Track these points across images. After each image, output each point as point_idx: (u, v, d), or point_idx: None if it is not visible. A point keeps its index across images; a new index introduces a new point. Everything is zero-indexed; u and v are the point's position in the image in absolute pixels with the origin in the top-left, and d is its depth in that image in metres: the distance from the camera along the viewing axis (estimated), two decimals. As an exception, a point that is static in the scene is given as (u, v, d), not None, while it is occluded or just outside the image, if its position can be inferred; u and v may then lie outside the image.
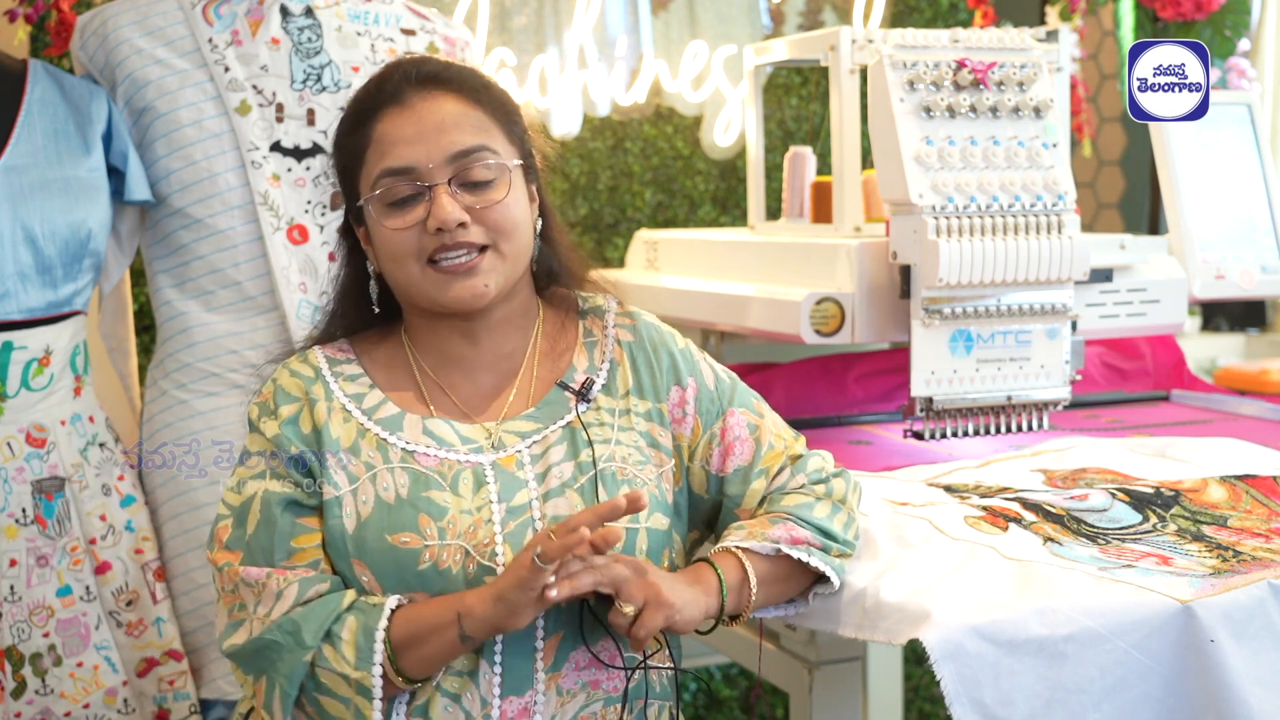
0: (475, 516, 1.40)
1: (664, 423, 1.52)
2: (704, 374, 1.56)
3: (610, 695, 1.43)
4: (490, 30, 2.88)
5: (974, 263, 1.87)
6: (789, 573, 1.47)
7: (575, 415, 1.48)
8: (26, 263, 1.92)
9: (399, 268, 1.45)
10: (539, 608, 1.31)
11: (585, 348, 1.54)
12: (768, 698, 3.07)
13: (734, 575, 1.42)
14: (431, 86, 1.45)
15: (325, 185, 2.12)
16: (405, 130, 1.43)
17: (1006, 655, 1.35)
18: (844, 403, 2.34)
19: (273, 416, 1.46)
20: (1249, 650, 1.39)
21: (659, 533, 1.45)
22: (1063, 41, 2.18)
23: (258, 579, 1.40)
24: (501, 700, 1.39)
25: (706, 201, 3.13)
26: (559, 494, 1.43)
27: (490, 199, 1.44)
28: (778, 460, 1.55)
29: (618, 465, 1.45)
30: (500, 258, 1.45)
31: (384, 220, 1.43)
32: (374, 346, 1.53)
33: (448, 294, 1.43)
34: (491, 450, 1.45)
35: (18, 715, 1.94)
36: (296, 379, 1.48)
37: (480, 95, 1.47)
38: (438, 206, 1.41)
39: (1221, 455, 1.89)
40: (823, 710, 1.85)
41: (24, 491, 1.95)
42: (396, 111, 1.44)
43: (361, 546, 1.40)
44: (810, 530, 1.48)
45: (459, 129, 1.44)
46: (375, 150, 1.44)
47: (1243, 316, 3.83)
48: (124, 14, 2.10)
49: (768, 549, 1.44)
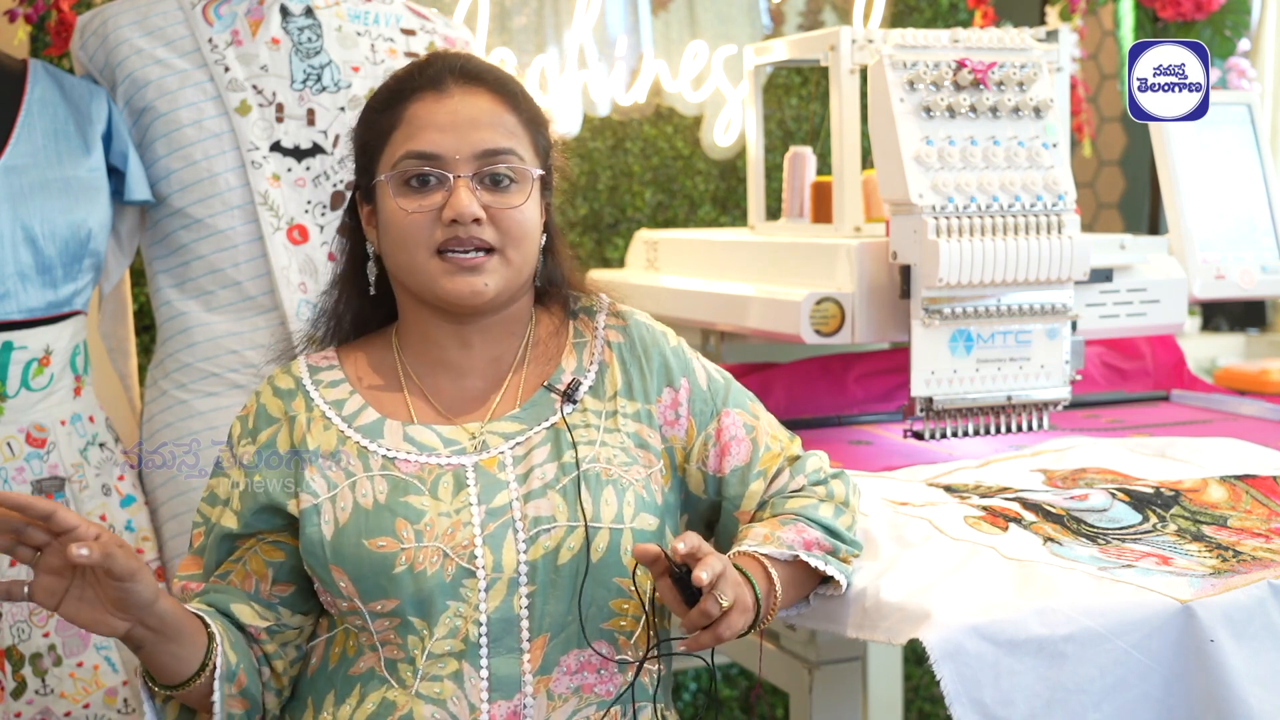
0: (454, 519, 1.40)
1: (653, 424, 1.51)
2: (696, 374, 1.56)
3: (603, 699, 1.42)
4: (490, 30, 2.88)
5: (974, 263, 1.87)
6: (803, 577, 1.47)
7: (560, 416, 1.48)
8: (26, 263, 1.92)
9: (405, 251, 1.44)
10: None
11: (574, 349, 1.53)
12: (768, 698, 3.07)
13: (763, 581, 1.41)
14: (472, 82, 1.46)
15: (325, 185, 2.12)
16: (438, 117, 1.43)
17: (1006, 655, 1.35)
18: (844, 403, 2.34)
19: (251, 440, 1.48)
20: (1249, 650, 1.39)
21: (646, 533, 1.44)
22: (1063, 41, 2.18)
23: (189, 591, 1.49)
24: (490, 704, 1.38)
25: (706, 201, 3.13)
26: (540, 495, 1.42)
27: (509, 202, 1.44)
28: (775, 462, 1.55)
29: (602, 466, 1.45)
30: (505, 263, 1.44)
31: (399, 200, 1.43)
32: (359, 352, 1.54)
33: (447, 286, 1.42)
34: (474, 452, 1.45)
35: (18, 715, 1.94)
36: (278, 399, 1.50)
37: (517, 101, 1.48)
38: (456, 198, 1.41)
39: (1221, 455, 1.89)
40: (823, 710, 1.86)
41: (24, 491, 1.95)
42: (433, 97, 1.44)
43: (339, 552, 1.40)
44: (819, 530, 1.48)
45: (491, 128, 1.44)
46: (404, 131, 1.44)
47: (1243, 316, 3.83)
48: (124, 14, 2.10)
49: (785, 555, 1.44)
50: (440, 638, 1.38)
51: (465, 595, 1.38)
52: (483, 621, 1.38)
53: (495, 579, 1.39)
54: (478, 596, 1.38)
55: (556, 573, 1.40)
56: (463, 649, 1.38)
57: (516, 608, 1.39)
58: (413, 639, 1.39)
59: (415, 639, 1.39)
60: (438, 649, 1.38)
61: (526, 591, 1.39)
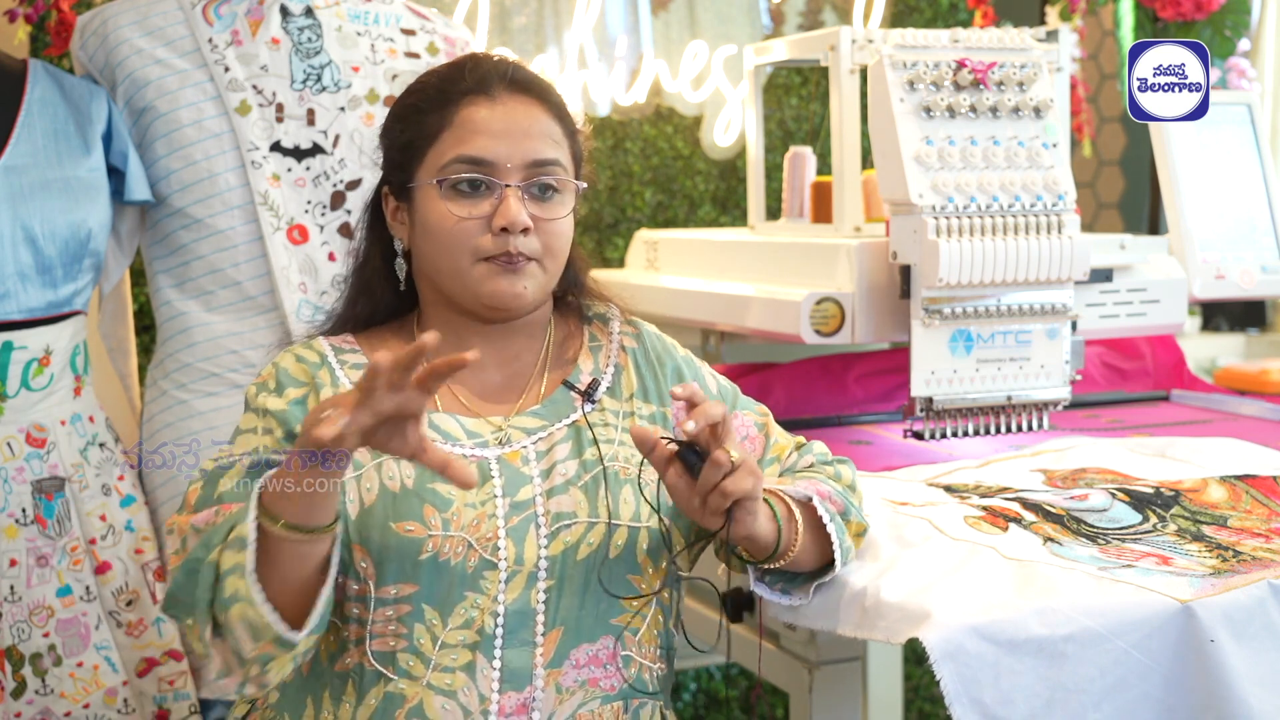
0: (479, 510, 1.40)
1: (668, 426, 1.52)
2: (706, 381, 1.59)
3: (608, 694, 1.44)
4: (490, 30, 2.88)
5: (974, 263, 1.87)
6: (815, 536, 1.46)
7: (581, 414, 1.49)
8: (26, 263, 1.92)
9: (448, 256, 1.44)
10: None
11: (591, 351, 1.55)
12: (768, 698, 3.07)
13: (782, 509, 1.43)
14: (521, 90, 1.47)
15: (325, 185, 2.12)
16: (492, 124, 1.44)
17: (1006, 655, 1.35)
18: (844, 403, 2.34)
19: (278, 395, 1.44)
20: (1249, 650, 1.39)
21: (659, 533, 1.46)
22: (1063, 41, 2.18)
23: (205, 522, 1.35)
24: (500, 695, 1.39)
25: (706, 201, 3.13)
26: (562, 491, 1.43)
27: (553, 213, 1.45)
28: (785, 450, 1.59)
29: (620, 465, 1.46)
30: (543, 271, 1.46)
31: (448, 204, 1.43)
32: (379, 341, 1.53)
33: (489, 289, 1.43)
34: (497, 445, 1.45)
35: (18, 715, 1.94)
36: (302, 364, 1.47)
37: (561, 112, 1.49)
38: (506, 206, 1.41)
39: (1221, 455, 1.89)
40: (823, 710, 1.85)
41: (24, 491, 1.95)
42: (485, 103, 1.45)
43: (364, 532, 1.39)
44: (833, 488, 1.50)
45: (542, 138, 1.45)
46: (454, 134, 1.44)
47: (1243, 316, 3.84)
48: (124, 14, 2.10)
49: (800, 494, 1.44)
50: (455, 628, 1.39)
51: (484, 587, 1.39)
52: (500, 613, 1.39)
53: (515, 571, 1.40)
54: (497, 588, 1.39)
55: (574, 567, 1.41)
56: (477, 640, 1.39)
57: (534, 601, 1.40)
58: (420, 628, 1.39)
59: (423, 628, 1.39)
60: (452, 639, 1.39)
61: (545, 585, 1.40)
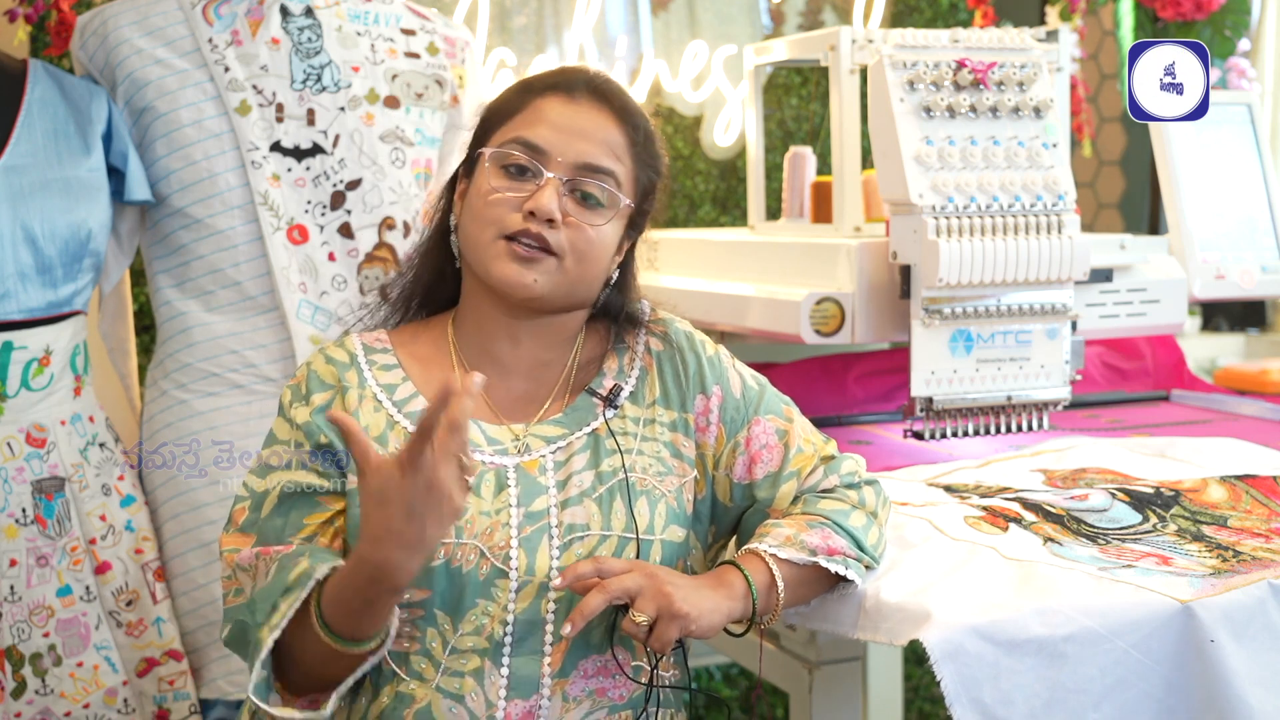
0: (494, 519, 1.40)
1: (689, 433, 1.52)
2: (731, 382, 1.56)
3: (615, 704, 1.43)
4: (490, 30, 2.88)
5: (974, 263, 1.87)
6: (817, 576, 1.46)
7: (602, 421, 1.48)
8: (26, 263, 1.92)
9: (476, 226, 1.46)
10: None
11: (615, 353, 1.55)
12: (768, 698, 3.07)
13: (762, 578, 1.41)
14: (601, 99, 1.49)
15: (325, 185, 2.12)
16: (560, 118, 1.46)
17: (1006, 655, 1.35)
18: (844, 403, 2.34)
19: (304, 403, 1.46)
20: (1249, 650, 1.39)
21: (674, 544, 1.46)
22: (1063, 41, 2.18)
23: (249, 562, 1.39)
24: (507, 702, 1.39)
25: (706, 201, 3.13)
26: (577, 503, 1.43)
27: (590, 220, 1.45)
28: (809, 463, 1.55)
29: (637, 476, 1.46)
30: (562, 269, 1.45)
31: (493, 179, 1.45)
32: (413, 340, 1.54)
33: (500, 269, 1.43)
34: (516, 454, 1.45)
35: (18, 715, 1.94)
36: (331, 365, 1.48)
37: (636, 134, 1.50)
38: (541, 193, 1.43)
39: (1221, 455, 1.89)
40: (823, 710, 1.85)
41: (24, 491, 1.95)
42: (563, 99, 1.47)
43: None
44: (846, 539, 1.47)
45: (600, 144, 1.46)
46: (524, 118, 1.47)
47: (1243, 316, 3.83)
48: (124, 14, 2.10)
49: (804, 559, 1.43)
50: (465, 634, 1.39)
51: (495, 595, 1.39)
52: (509, 622, 1.39)
53: (527, 581, 1.40)
54: (508, 597, 1.39)
55: None
56: (486, 646, 1.39)
57: (544, 611, 1.40)
58: (432, 632, 1.39)
59: (435, 632, 1.39)
60: (462, 644, 1.39)
61: (555, 596, 1.40)
